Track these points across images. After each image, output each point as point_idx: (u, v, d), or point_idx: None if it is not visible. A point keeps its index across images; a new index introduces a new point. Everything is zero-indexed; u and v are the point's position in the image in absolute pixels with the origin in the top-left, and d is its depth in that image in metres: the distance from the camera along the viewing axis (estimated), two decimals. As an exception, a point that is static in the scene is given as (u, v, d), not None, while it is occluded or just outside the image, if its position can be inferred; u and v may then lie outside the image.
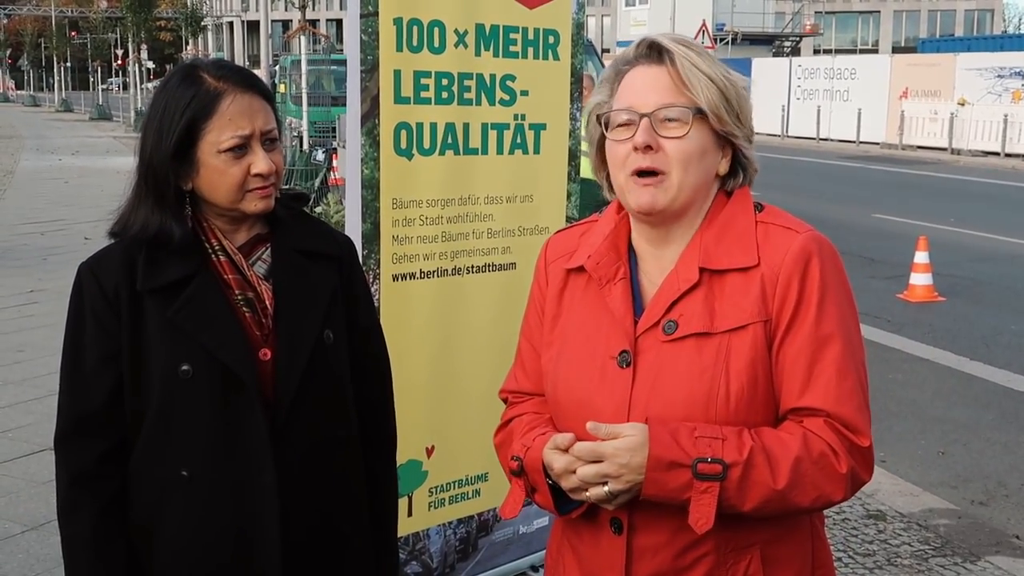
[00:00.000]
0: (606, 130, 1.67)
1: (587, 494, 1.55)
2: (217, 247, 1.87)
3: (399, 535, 3.50)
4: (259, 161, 1.80)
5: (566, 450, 1.55)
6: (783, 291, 1.58)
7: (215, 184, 1.81)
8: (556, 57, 3.58)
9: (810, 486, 1.54)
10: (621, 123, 1.63)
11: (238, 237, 1.89)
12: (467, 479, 3.66)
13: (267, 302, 1.87)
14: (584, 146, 6.97)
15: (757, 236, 1.63)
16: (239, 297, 1.86)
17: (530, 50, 3.50)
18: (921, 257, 9.57)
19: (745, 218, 1.66)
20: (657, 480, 1.50)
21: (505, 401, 1.89)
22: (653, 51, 1.65)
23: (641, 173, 1.61)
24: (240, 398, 1.81)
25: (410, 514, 3.53)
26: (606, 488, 1.52)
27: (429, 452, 3.53)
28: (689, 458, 1.49)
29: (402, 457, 3.47)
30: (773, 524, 1.61)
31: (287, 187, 2.01)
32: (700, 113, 1.61)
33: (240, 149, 1.79)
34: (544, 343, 1.76)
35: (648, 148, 1.59)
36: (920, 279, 9.53)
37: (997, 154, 25.28)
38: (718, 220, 1.66)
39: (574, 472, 1.54)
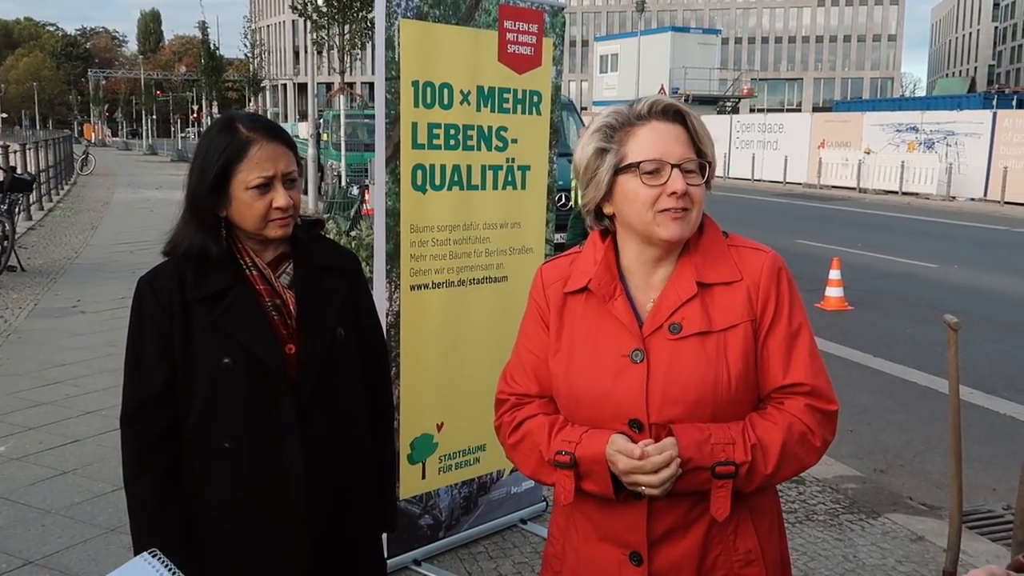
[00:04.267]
0: (621, 174, 1.62)
1: (643, 488, 1.54)
2: (250, 263, 1.86)
3: (415, 495, 3.51)
4: (279, 197, 1.80)
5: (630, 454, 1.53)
6: (764, 297, 1.62)
7: (244, 214, 1.81)
8: (539, 113, 3.60)
9: (794, 461, 1.59)
10: (649, 171, 1.60)
11: (266, 255, 1.88)
12: (469, 449, 3.66)
13: (291, 307, 1.86)
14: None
15: (734, 257, 1.65)
16: (269, 303, 1.85)
17: (519, 107, 3.52)
18: (834, 274, 9.57)
19: (719, 243, 1.67)
20: (689, 479, 1.54)
21: (503, 401, 1.78)
22: (669, 112, 1.63)
23: (675, 210, 1.59)
24: (271, 384, 1.81)
25: (423, 477, 3.53)
26: (658, 489, 1.53)
27: (439, 427, 3.53)
28: (709, 463, 1.53)
29: (417, 431, 3.48)
30: None
31: (307, 215, 2.00)
32: (708, 164, 1.63)
33: (264, 187, 1.79)
34: (551, 351, 1.71)
35: (685, 193, 1.59)
36: (834, 292, 9.53)
37: (896, 192, 25.30)
38: (700, 246, 1.66)
39: (636, 473, 1.53)
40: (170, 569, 1.24)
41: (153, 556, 1.26)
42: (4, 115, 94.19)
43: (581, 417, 1.64)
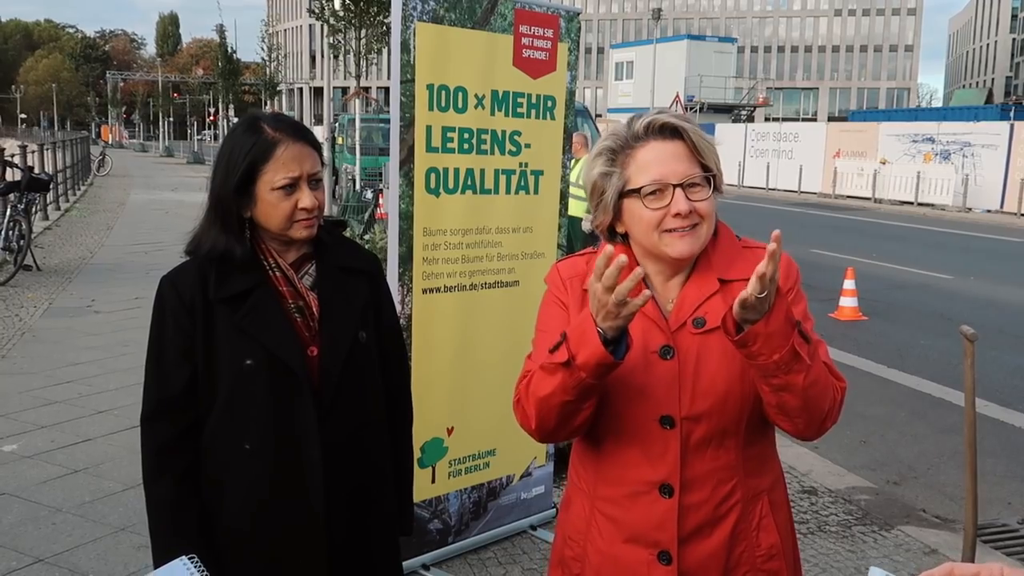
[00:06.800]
0: (626, 197, 1.63)
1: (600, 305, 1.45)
2: (273, 264, 1.86)
3: (425, 499, 3.50)
4: (305, 197, 1.80)
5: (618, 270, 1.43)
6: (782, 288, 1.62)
7: (269, 215, 1.80)
8: (553, 118, 3.59)
9: (822, 387, 1.55)
10: (651, 192, 1.60)
11: (289, 256, 1.88)
12: (479, 454, 3.65)
13: (314, 309, 1.86)
14: (573, 189, 6.78)
15: (749, 257, 1.66)
16: (292, 305, 1.85)
17: (533, 112, 3.51)
18: (849, 284, 9.52)
19: (734, 245, 1.70)
20: (774, 319, 1.46)
21: (519, 379, 1.78)
22: (666, 130, 1.62)
23: (681, 229, 1.59)
24: (293, 386, 1.80)
25: (433, 481, 3.52)
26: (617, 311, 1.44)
27: (449, 432, 3.53)
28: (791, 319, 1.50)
29: (427, 435, 3.47)
30: (772, 472, 1.70)
31: (329, 216, 2.00)
32: (712, 176, 1.63)
33: (290, 188, 1.79)
34: None
35: (691, 212, 1.59)
36: (848, 302, 9.48)
37: (911, 203, 25.16)
38: (717, 248, 1.68)
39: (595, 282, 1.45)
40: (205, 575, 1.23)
41: (192, 560, 1.25)
42: (23, 116, 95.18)
43: (609, 413, 1.65)
